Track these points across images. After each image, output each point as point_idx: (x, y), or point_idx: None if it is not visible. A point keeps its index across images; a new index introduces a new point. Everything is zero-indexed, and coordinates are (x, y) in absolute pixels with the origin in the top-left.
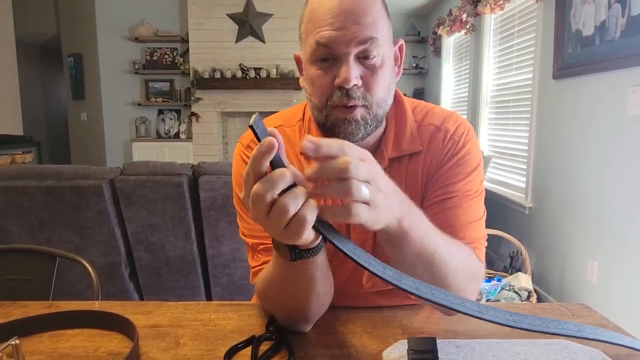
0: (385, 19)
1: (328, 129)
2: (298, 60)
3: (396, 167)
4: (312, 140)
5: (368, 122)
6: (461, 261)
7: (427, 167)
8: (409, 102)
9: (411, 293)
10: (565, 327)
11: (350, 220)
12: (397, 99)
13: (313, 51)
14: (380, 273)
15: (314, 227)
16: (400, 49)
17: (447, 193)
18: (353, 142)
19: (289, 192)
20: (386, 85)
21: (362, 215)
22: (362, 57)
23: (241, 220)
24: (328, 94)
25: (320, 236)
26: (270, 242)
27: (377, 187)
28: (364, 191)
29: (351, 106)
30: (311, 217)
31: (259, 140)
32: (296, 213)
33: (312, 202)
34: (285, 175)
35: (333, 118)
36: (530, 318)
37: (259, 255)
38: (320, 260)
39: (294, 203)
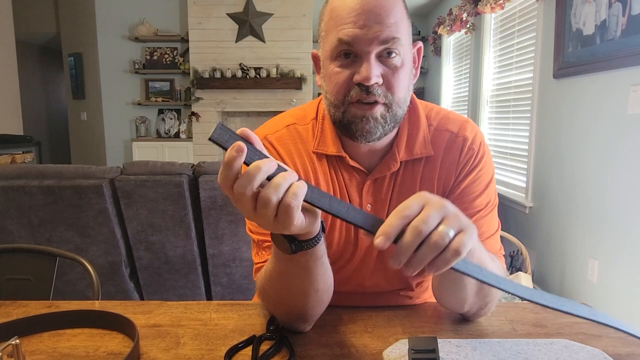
0: (407, 20)
1: (344, 127)
2: (316, 59)
3: (410, 169)
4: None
5: (387, 120)
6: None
7: (444, 175)
8: (422, 106)
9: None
10: (579, 309)
11: (460, 257)
12: (411, 101)
13: (334, 48)
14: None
15: (307, 202)
16: (418, 51)
17: (468, 208)
18: (369, 142)
19: (269, 183)
20: (406, 86)
21: (464, 244)
22: (384, 57)
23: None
24: (345, 90)
25: (320, 228)
26: None
27: (453, 217)
28: (449, 234)
29: (372, 103)
30: (296, 202)
31: (225, 149)
32: (280, 201)
33: (296, 185)
34: (260, 168)
35: (350, 115)
36: (548, 296)
37: (264, 252)
38: (320, 253)
39: (274, 193)
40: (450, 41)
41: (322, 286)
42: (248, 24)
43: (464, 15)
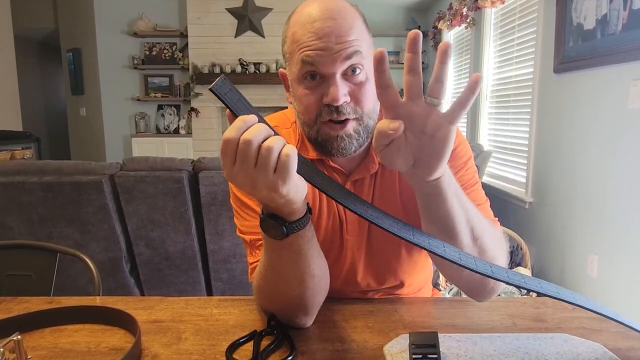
0: (367, 34)
1: (320, 145)
2: (284, 78)
3: (388, 171)
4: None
5: (360, 134)
6: (488, 224)
7: None
8: None
9: (390, 232)
10: (545, 287)
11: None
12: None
13: (299, 70)
14: (363, 212)
15: (299, 173)
16: None
17: (467, 188)
18: (345, 156)
19: (270, 137)
20: (374, 97)
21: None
22: (349, 74)
23: (238, 219)
24: (316, 112)
25: (307, 208)
26: None
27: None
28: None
29: (343, 121)
30: (293, 153)
31: (225, 104)
32: (279, 153)
33: (288, 145)
34: (264, 126)
35: (324, 134)
36: (510, 273)
37: (257, 251)
38: (310, 234)
39: (277, 142)
40: (450, 36)
41: (318, 271)
42: (247, 19)
43: (464, 9)
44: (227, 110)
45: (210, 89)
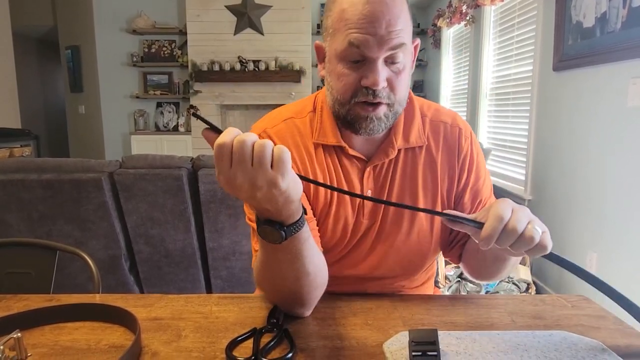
0: (411, 25)
1: (348, 123)
2: (320, 50)
3: (410, 158)
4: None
5: (389, 118)
6: None
7: (446, 162)
8: (416, 99)
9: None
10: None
11: (547, 251)
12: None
13: (344, 49)
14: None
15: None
16: (415, 48)
17: (480, 192)
18: (370, 136)
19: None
20: (407, 86)
21: (549, 241)
22: (389, 62)
23: (248, 207)
24: (353, 91)
25: (302, 210)
26: None
27: (537, 220)
28: (539, 230)
29: (376, 103)
30: (285, 148)
31: (208, 123)
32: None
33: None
34: (236, 129)
35: (354, 114)
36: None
37: None
38: (306, 235)
39: (268, 141)
40: (450, 34)
41: (313, 269)
42: (247, 16)
43: (464, 7)
44: (205, 130)
45: (193, 114)
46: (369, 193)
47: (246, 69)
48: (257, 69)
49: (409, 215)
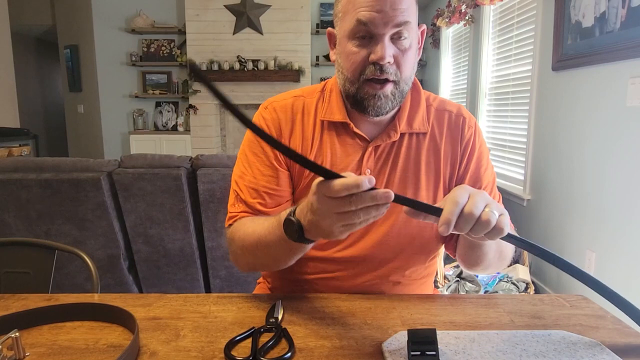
0: (416, 6)
1: (357, 102)
2: (331, 36)
3: (414, 143)
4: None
5: (396, 96)
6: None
7: (449, 150)
8: (423, 90)
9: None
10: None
11: (503, 234)
12: (414, 83)
13: (352, 28)
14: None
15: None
16: (422, 33)
17: (480, 180)
18: (378, 116)
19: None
20: (413, 65)
21: (506, 224)
22: (396, 39)
23: (248, 168)
24: (361, 68)
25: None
26: (253, 197)
27: (494, 203)
28: (495, 214)
29: (383, 81)
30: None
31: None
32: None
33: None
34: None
35: (363, 92)
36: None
37: (240, 204)
38: (309, 248)
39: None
40: (449, 33)
41: (290, 263)
42: (246, 15)
43: (463, 7)
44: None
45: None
46: (367, 172)
47: (245, 69)
48: (256, 68)
49: (412, 194)
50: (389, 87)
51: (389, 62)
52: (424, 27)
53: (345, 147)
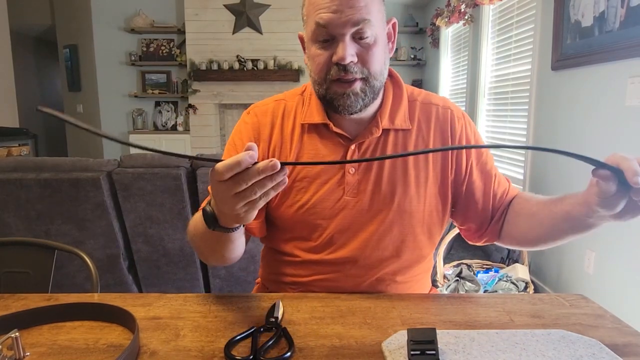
0: (378, 2)
1: (328, 102)
2: (302, 40)
3: (400, 139)
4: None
5: (367, 93)
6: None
7: (439, 143)
8: (405, 86)
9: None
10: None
11: None
12: (395, 80)
13: (313, 31)
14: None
15: None
16: (393, 26)
17: (487, 168)
18: (351, 114)
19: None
20: (381, 60)
21: None
22: (358, 37)
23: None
24: (326, 69)
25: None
26: None
27: None
28: None
29: (350, 80)
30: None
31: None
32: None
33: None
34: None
35: (332, 92)
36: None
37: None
38: (234, 237)
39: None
40: (449, 33)
41: (229, 255)
42: (245, 15)
43: (462, 6)
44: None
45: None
46: (351, 171)
47: (245, 68)
48: (255, 68)
49: (401, 191)
50: (357, 85)
51: (352, 62)
52: (394, 20)
53: (328, 147)
